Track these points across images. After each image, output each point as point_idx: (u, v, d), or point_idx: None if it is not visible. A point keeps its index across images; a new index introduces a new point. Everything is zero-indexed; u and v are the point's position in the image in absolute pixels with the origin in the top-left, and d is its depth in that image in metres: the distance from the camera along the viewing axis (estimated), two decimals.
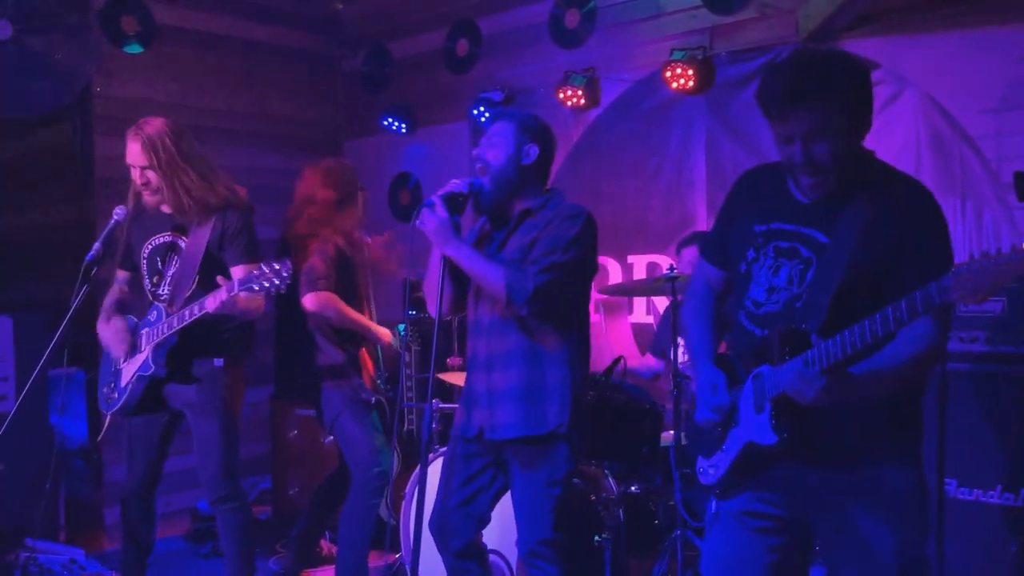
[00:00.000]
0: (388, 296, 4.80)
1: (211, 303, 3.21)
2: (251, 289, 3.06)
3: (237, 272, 3.36)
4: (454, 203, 2.83)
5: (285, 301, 3.98)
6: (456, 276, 2.93)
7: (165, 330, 3.36)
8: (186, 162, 3.40)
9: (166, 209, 3.48)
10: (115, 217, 3.40)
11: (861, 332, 1.91)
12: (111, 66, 5.30)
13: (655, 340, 4.75)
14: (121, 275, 3.69)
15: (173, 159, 3.37)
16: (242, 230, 3.44)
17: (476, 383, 2.93)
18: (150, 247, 3.55)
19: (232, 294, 3.13)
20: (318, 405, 4.00)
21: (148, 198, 3.46)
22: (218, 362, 3.48)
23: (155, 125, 3.39)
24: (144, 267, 3.57)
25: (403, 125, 6.01)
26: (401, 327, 4.14)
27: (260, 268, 3.07)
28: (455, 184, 2.86)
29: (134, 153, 3.38)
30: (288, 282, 3.06)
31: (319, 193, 3.98)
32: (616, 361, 3.99)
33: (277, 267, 3.05)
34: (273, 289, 3.05)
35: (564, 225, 2.80)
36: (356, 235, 4.04)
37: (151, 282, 3.55)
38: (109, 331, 3.51)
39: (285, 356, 4.15)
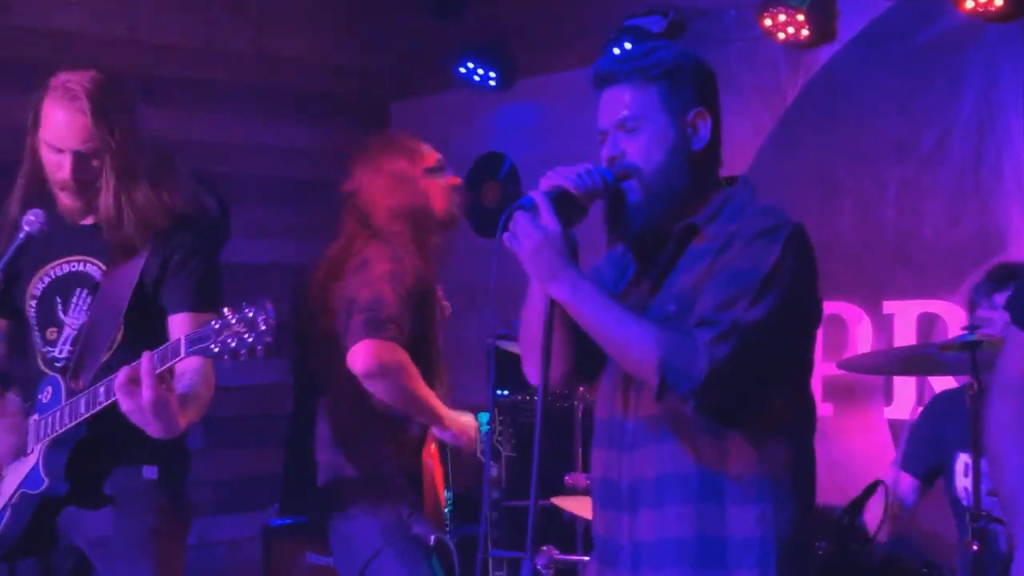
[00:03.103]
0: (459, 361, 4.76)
1: None
2: (206, 352, 3.05)
3: (179, 325, 3.39)
4: (568, 206, 2.78)
5: (309, 364, 4.08)
6: (573, 324, 2.89)
7: (67, 420, 3.40)
8: (137, 154, 3.47)
9: (84, 219, 3.54)
10: (26, 228, 3.44)
11: None
12: None
13: (911, 446, 4.65)
14: None
15: (128, 143, 3.44)
16: (194, 255, 3.49)
17: (613, 528, 2.91)
18: (47, 279, 3.61)
19: (169, 364, 3.10)
20: (337, 541, 4.05)
21: (69, 202, 3.51)
22: (149, 472, 3.51)
23: (95, 81, 3.44)
24: (32, 312, 3.62)
25: (492, 74, 6.09)
26: (483, 418, 4.17)
27: (222, 315, 3.03)
28: (570, 173, 2.81)
29: (75, 128, 3.40)
30: (269, 338, 3.01)
31: (383, 199, 4.11)
32: (871, 489, 4.01)
33: (250, 313, 3.01)
34: (244, 350, 3.01)
35: (752, 250, 2.74)
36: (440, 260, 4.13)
37: (43, 337, 3.61)
38: None
39: (302, 457, 4.17)
